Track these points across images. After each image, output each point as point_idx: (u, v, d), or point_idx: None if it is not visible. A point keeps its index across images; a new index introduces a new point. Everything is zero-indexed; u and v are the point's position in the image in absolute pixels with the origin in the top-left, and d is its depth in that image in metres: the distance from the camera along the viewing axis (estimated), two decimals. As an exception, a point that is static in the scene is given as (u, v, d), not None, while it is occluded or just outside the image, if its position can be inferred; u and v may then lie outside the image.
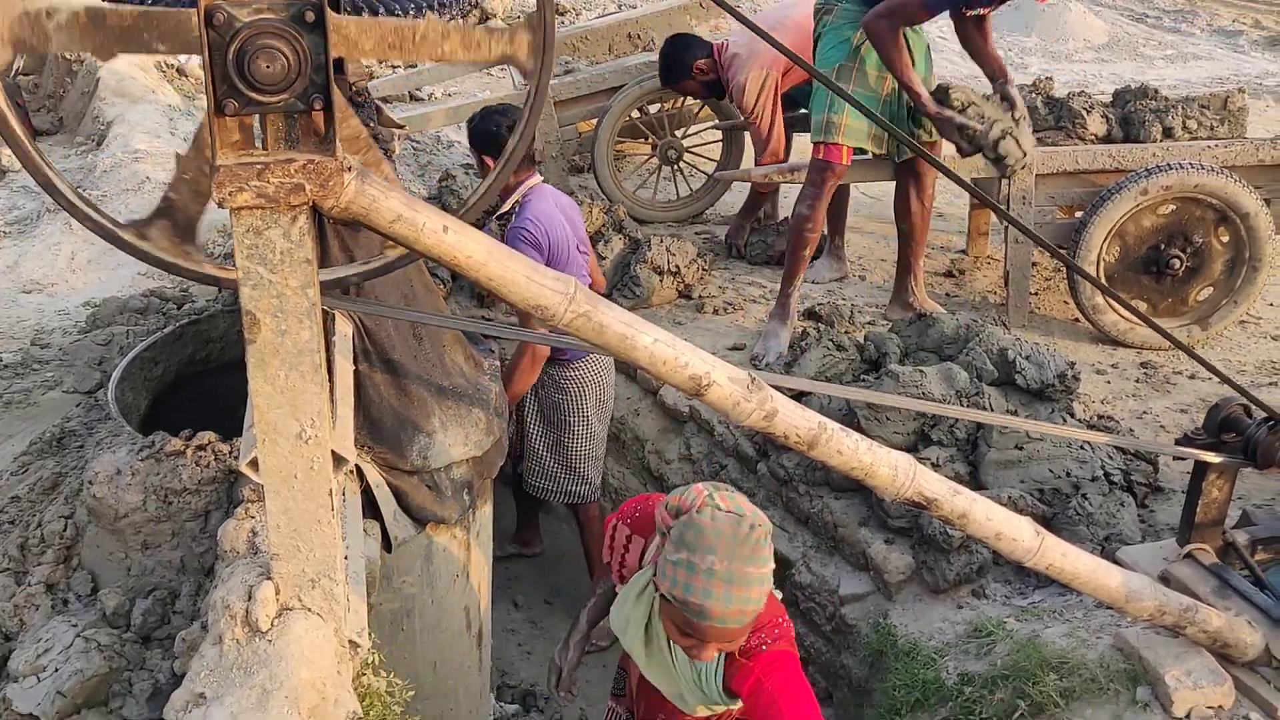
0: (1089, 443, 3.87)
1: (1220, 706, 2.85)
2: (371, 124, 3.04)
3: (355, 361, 2.82)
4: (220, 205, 1.92)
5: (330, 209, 1.99)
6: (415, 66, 7.12)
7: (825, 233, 5.77)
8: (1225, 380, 2.96)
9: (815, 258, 5.68)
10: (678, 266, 5.53)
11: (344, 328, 2.72)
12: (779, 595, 2.58)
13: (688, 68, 5.84)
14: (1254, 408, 3.04)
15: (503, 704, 4.29)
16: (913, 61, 4.74)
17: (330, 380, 2.52)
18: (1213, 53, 12.98)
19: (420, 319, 2.85)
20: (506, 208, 4.24)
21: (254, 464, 2.19)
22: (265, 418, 2.14)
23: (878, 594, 3.84)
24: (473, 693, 3.76)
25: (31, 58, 8.38)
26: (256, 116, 1.92)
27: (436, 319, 2.81)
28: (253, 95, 1.88)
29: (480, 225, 3.97)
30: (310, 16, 1.82)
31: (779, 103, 5.63)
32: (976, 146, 4.56)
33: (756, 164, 5.74)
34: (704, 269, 5.70)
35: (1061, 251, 4.67)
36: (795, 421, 2.38)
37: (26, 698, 2.51)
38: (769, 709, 2.36)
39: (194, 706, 2.19)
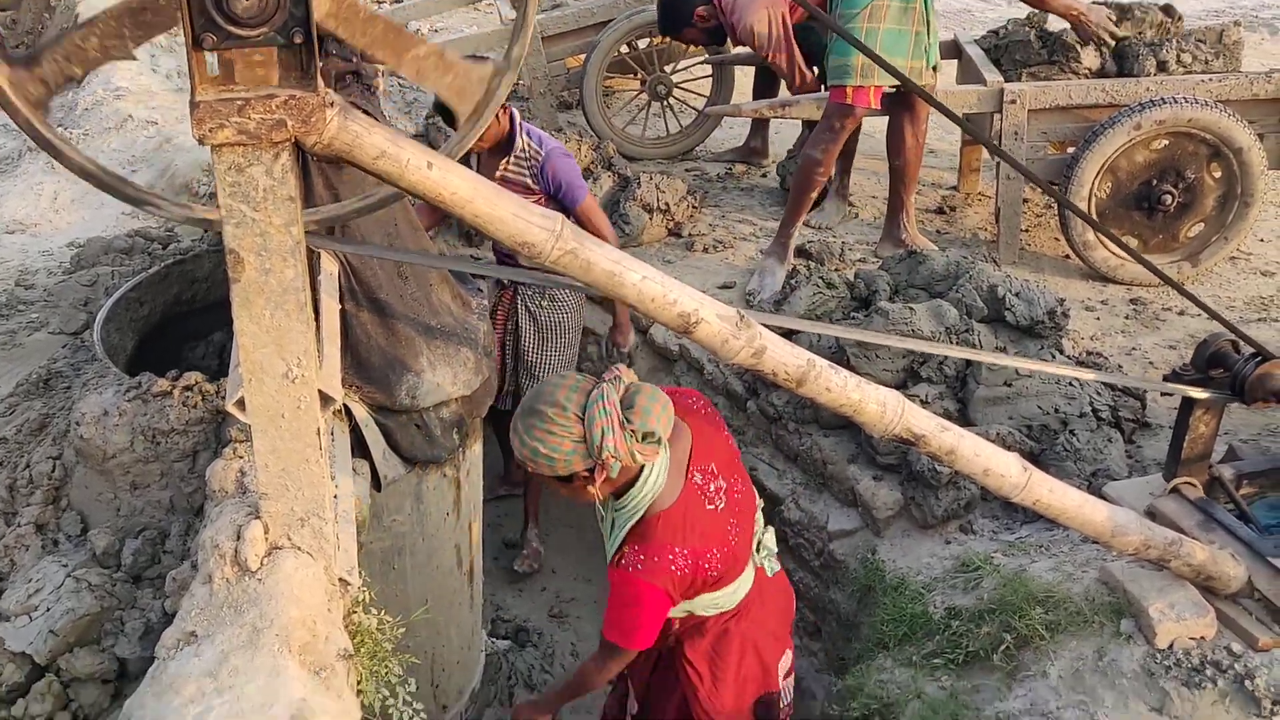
0: (1077, 379, 3.88)
1: (1202, 638, 2.88)
2: (355, 59, 2.98)
3: (341, 300, 2.80)
4: (200, 142, 1.89)
5: (313, 145, 1.96)
6: (401, 1, 7.00)
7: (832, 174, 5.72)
8: (1213, 316, 2.96)
9: (820, 200, 5.64)
10: (667, 204, 5.49)
11: (329, 266, 2.70)
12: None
13: (687, 16, 5.74)
14: (1242, 343, 3.04)
15: (494, 639, 4.33)
16: (926, 58, 4.84)
17: (316, 319, 2.51)
18: (1208, -15, 12.81)
19: (406, 258, 2.82)
20: (520, 145, 4.16)
21: (241, 404, 2.18)
22: (251, 357, 2.12)
23: (866, 530, 3.87)
24: (464, 628, 3.80)
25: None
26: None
27: (422, 258, 2.78)
28: (231, 29, 1.84)
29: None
30: (288, -54, 1.78)
31: (792, 37, 5.49)
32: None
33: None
34: (694, 206, 5.66)
35: (1054, 187, 4.66)
36: (783, 359, 2.37)
37: (19, 637, 2.53)
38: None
39: (185, 644, 2.21)
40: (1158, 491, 3.33)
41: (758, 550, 2.99)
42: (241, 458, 2.61)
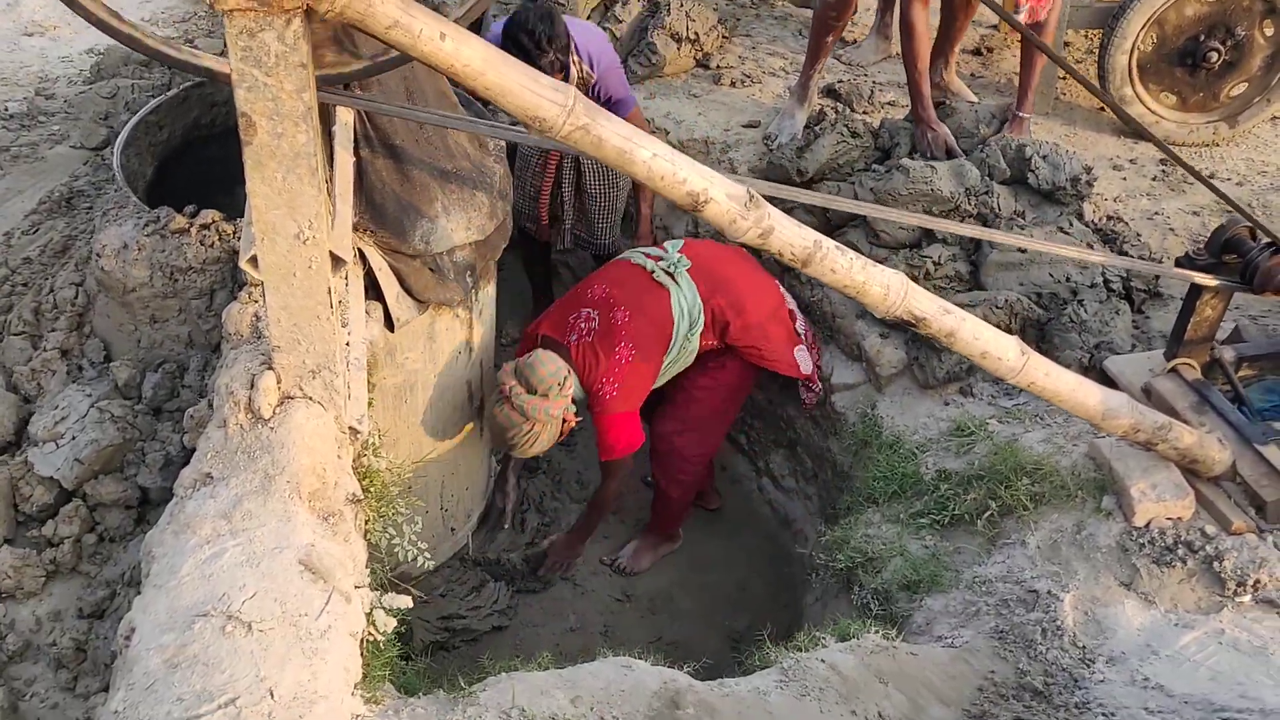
0: (1091, 246, 3.86)
1: (1179, 518, 2.98)
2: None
3: (356, 148, 2.80)
4: (212, 7, 1.88)
5: (325, 13, 1.94)
6: None
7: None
8: (1228, 201, 2.93)
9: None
10: (696, 34, 5.33)
11: (345, 116, 2.69)
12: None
13: None
14: (1259, 231, 3.02)
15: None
16: None
17: (330, 173, 2.53)
18: None
19: (419, 116, 2.80)
20: (574, 74, 4.08)
21: (253, 261, 2.23)
22: (263, 218, 2.16)
23: (868, 385, 3.95)
24: (473, 458, 3.95)
25: None
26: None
27: (437, 117, 2.76)
28: (241, -110, 1.80)
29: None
30: None
31: None
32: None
33: None
34: (724, 36, 5.50)
35: (1062, 58, 4.46)
36: (790, 239, 2.39)
37: (47, 462, 2.66)
38: None
39: (202, 485, 2.33)
40: (1157, 369, 3.38)
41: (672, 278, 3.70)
42: (256, 302, 2.68)
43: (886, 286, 2.51)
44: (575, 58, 4.06)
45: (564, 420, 3.53)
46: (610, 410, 3.62)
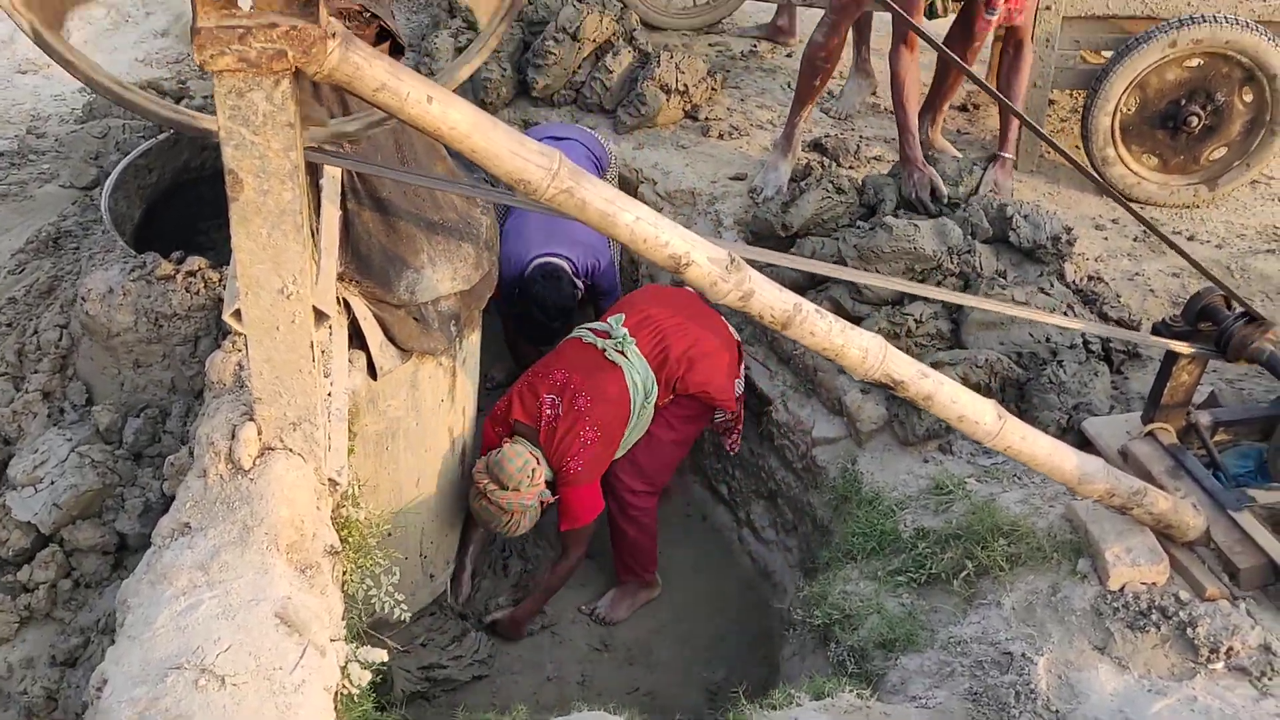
0: (1072, 307, 3.91)
1: (1154, 583, 3.00)
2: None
3: (344, 201, 2.83)
4: (202, 68, 1.90)
5: (314, 75, 1.97)
6: None
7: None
8: (1205, 274, 2.98)
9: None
10: (685, 85, 5.40)
11: (333, 170, 2.71)
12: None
13: None
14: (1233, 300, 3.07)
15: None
16: None
17: (316, 227, 2.55)
18: None
19: (405, 178, 2.83)
20: None
21: (237, 314, 2.25)
22: (248, 272, 2.18)
23: (849, 440, 3.97)
24: (454, 504, 3.94)
25: None
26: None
27: (425, 179, 2.79)
28: (234, -44, 1.83)
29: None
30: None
31: None
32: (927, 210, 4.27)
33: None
34: (713, 88, 5.57)
35: (1040, 130, 4.52)
36: (770, 302, 2.42)
37: (25, 506, 2.65)
38: None
39: (180, 534, 2.33)
40: (1134, 432, 3.41)
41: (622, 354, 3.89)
42: (240, 350, 2.68)
43: (865, 350, 2.54)
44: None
45: (540, 503, 3.78)
46: (575, 483, 3.83)
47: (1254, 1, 4.98)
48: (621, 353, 3.88)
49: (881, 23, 5.76)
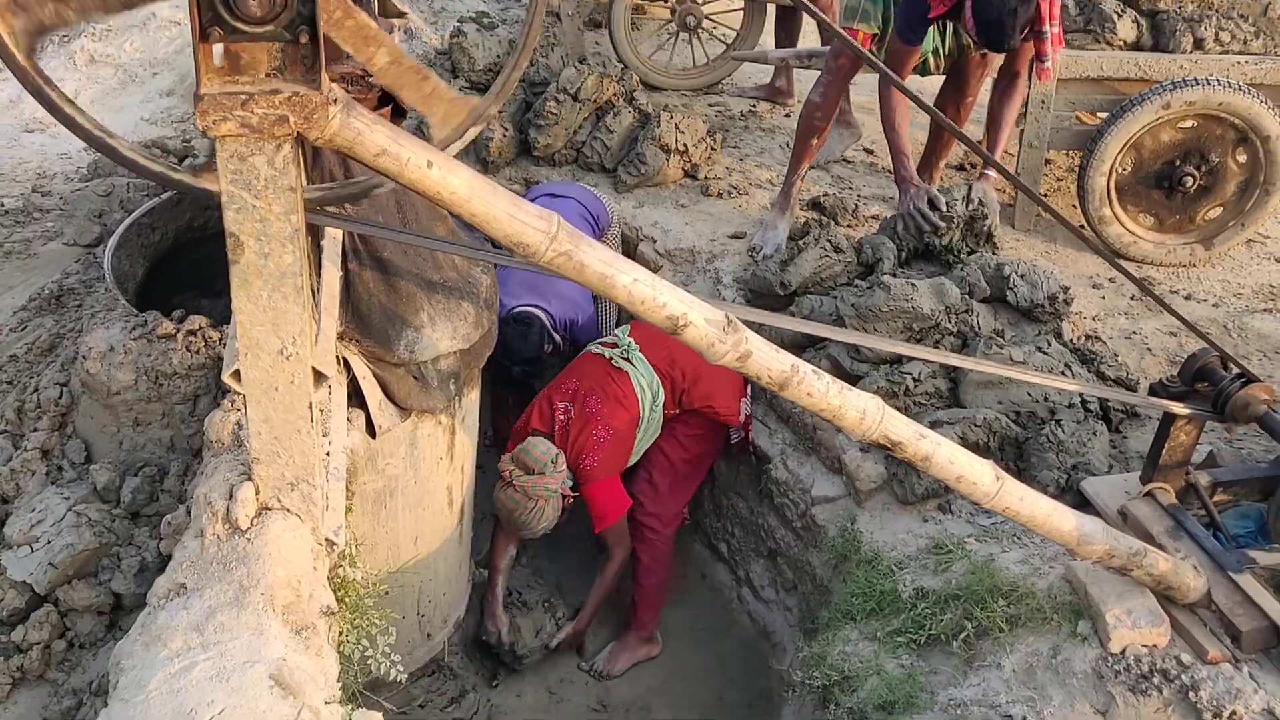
0: (1069, 366, 3.92)
1: (1155, 646, 2.97)
2: (370, 5, 2.98)
3: (345, 260, 2.85)
4: (204, 134, 1.93)
5: (315, 140, 1.99)
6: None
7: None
8: (1201, 337, 2.99)
9: None
10: (685, 145, 5.46)
11: (334, 231, 2.74)
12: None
13: None
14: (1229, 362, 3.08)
15: (483, 570, 4.47)
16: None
17: (316, 287, 2.57)
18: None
19: (403, 239, 2.86)
20: None
21: (237, 375, 2.26)
22: (248, 334, 2.19)
23: (848, 499, 3.96)
24: (452, 562, 3.93)
25: None
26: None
27: (426, 240, 2.82)
28: (238, 25, 1.87)
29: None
30: (297, -50, 1.80)
31: None
32: (919, 231, 4.37)
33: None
34: (712, 148, 5.63)
35: (1042, 198, 4.58)
36: (767, 364, 2.43)
37: (20, 566, 2.65)
38: None
39: (175, 595, 2.32)
40: (1133, 492, 3.40)
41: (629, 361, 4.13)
42: (239, 410, 2.69)
43: (863, 411, 2.54)
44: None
45: (562, 495, 3.98)
46: (593, 478, 4.05)
47: (1246, 65, 5.05)
48: (628, 359, 4.13)
49: (866, 79, 5.82)
